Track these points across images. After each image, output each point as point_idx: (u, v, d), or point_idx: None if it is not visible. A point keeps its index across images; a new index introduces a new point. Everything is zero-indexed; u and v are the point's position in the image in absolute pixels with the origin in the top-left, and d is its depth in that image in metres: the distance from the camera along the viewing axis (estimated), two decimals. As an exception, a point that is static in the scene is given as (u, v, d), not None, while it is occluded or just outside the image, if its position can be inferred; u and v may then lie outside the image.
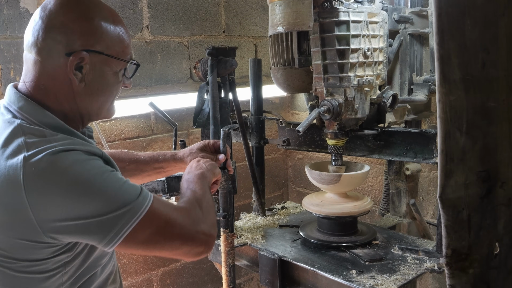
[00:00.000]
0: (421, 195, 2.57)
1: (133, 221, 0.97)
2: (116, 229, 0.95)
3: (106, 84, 1.08)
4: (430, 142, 1.68)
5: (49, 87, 1.02)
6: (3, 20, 2.08)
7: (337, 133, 1.78)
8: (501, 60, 0.85)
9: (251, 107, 2.19)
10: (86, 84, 1.04)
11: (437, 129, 0.90)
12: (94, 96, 1.07)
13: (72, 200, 0.91)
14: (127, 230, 0.96)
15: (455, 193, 0.89)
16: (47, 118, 1.00)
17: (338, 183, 1.80)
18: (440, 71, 0.88)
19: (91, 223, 0.93)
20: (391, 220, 2.16)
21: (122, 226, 0.96)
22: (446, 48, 0.87)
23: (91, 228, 0.94)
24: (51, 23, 0.99)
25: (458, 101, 0.88)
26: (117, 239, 0.96)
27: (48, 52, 1.00)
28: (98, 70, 1.04)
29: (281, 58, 1.87)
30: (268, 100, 3.29)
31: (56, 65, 1.00)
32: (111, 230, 0.95)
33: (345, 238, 1.83)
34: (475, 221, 0.89)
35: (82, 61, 1.01)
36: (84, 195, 0.92)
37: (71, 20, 0.99)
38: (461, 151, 0.89)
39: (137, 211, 0.97)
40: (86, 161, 0.95)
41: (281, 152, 3.35)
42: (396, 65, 1.96)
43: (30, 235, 0.93)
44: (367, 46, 1.69)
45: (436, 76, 0.89)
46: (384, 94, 1.76)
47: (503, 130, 0.87)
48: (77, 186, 0.92)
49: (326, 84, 1.72)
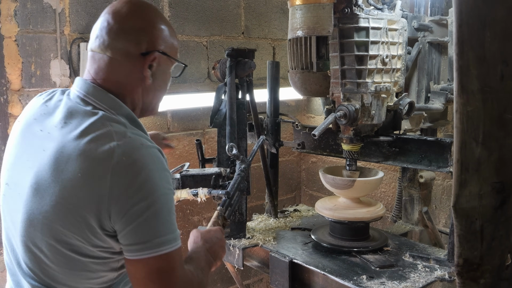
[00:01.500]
0: (434, 203, 2.56)
1: (162, 249, 1.01)
2: (148, 245, 1.00)
3: (165, 81, 1.20)
4: (445, 151, 1.68)
5: (123, 83, 1.11)
6: (26, 14, 2.13)
7: (352, 138, 1.78)
8: (520, 73, 0.85)
9: (267, 109, 2.21)
10: (153, 81, 1.14)
11: (454, 138, 0.91)
12: (156, 92, 1.17)
13: (140, 189, 0.98)
14: (153, 253, 1.00)
15: (469, 203, 0.90)
16: (124, 110, 1.09)
17: (352, 188, 1.81)
18: (458, 81, 0.89)
19: (137, 225, 0.99)
20: (403, 227, 2.16)
21: (152, 246, 1.00)
22: (465, 59, 0.88)
23: (134, 227, 0.99)
24: (127, 27, 1.10)
25: (475, 112, 0.89)
26: (141, 254, 1.01)
27: (124, 52, 1.09)
28: (161, 69, 1.15)
29: (299, 61, 1.88)
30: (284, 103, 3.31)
31: (131, 64, 1.10)
32: (144, 242, 1.00)
33: (356, 243, 1.84)
34: (488, 232, 0.90)
35: (154, 60, 1.12)
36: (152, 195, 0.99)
37: (144, 23, 1.11)
38: (477, 162, 0.89)
39: (171, 244, 1.02)
40: (163, 169, 1.03)
41: (295, 155, 3.36)
42: (414, 73, 1.96)
43: (96, 213, 0.99)
44: (386, 53, 1.70)
45: (455, 86, 0.90)
46: (401, 101, 1.76)
47: (520, 142, 0.87)
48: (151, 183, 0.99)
49: (344, 89, 1.73)
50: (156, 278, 1.01)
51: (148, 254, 1.00)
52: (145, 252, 1.00)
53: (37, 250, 1.05)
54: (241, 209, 1.98)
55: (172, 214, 1.04)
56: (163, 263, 1.01)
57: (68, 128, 1.04)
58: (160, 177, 1.01)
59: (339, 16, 1.68)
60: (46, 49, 2.21)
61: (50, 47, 2.22)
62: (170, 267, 1.02)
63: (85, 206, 0.99)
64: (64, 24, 2.25)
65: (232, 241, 1.97)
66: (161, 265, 1.01)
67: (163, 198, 1.01)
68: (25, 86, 2.18)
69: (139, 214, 0.99)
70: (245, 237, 2.00)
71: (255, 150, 1.61)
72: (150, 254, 1.00)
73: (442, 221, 2.57)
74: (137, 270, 1.02)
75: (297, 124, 2.15)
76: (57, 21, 2.22)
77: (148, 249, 1.00)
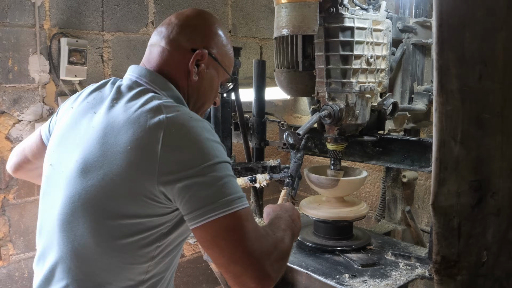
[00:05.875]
0: (417, 203, 2.59)
1: (227, 209, 0.99)
2: (211, 207, 0.98)
3: (210, 88, 1.23)
4: (427, 151, 1.70)
5: (171, 73, 1.16)
6: (3, 7, 2.09)
7: (337, 138, 1.79)
8: (497, 73, 0.86)
9: (253, 108, 2.21)
10: (198, 80, 1.18)
11: (433, 137, 0.92)
12: (200, 93, 1.21)
13: (194, 160, 0.99)
14: (218, 215, 0.98)
15: (447, 201, 0.91)
16: (174, 92, 1.14)
17: (336, 187, 1.82)
18: (438, 80, 0.90)
19: (197, 190, 0.98)
20: (386, 226, 2.17)
21: (216, 207, 0.99)
22: (445, 58, 0.89)
23: (193, 193, 0.98)
24: (186, 23, 1.18)
25: (454, 111, 0.89)
26: (204, 218, 0.98)
27: (177, 45, 1.16)
28: (209, 72, 1.20)
29: (285, 60, 1.88)
30: (271, 102, 3.31)
31: (181, 56, 1.16)
32: (207, 205, 0.98)
33: (340, 242, 1.85)
34: (465, 229, 0.91)
35: (202, 59, 1.17)
36: (207, 161, 1.00)
37: (201, 24, 1.20)
38: (455, 160, 0.90)
39: (236, 204, 1.00)
40: (215, 141, 1.04)
41: (281, 155, 3.37)
42: (398, 74, 1.97)
43: (146, 184, 0.99)
44: (371, 53, 1.71)
45: (434, 85, 0.91)
46: (385, 102, 1.78)
47: (497, 141, 0.88)
48: (206, 151, 1.00)
49: (328, 89, 1.74)
50: (226, 236, 0.98)
51: (212, 217, 0.98)
52: (208, 216, 0.98)
53: (72, 231, 1.04)
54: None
55: (233, 179, 1.03)
56: (231, 221, 0.98)
57: (118, 105, 1.07)
58: (213, 147, 1.02)
59: (325, 16, 1.69)
60: (25, 44, 2.18)
61: (29, 41, 2.19)
62: (239, 224, 0.99)
63: (134, 177, 0.99)
64: (44, 18, 2.22)
65: (216, 239, 1.96)
66: (229, 224, 0.98)
67: (219, 165, 1.00)
68: (2, 82, 2.14)
69: (196, 182, 0.98)
70: (229, 236, 1.99)
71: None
72: (214, 216, 0.98)
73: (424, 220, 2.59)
74: (205, 234, 0.99)
75: (283, 123, 2.16)
76: (36, 14, 2.18)
77: (211, 212, 0.98)
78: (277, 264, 1.01)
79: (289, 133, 1.62)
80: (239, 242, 0.97)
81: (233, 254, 0.97)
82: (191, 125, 1.02)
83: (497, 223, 0.90)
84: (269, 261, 0.99)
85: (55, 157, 1.13)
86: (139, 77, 1.14)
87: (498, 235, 0.90)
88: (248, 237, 0.98)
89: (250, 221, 1.01)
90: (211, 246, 0.99)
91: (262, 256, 0.98)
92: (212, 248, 0.99)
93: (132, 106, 1.05)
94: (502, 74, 0.86)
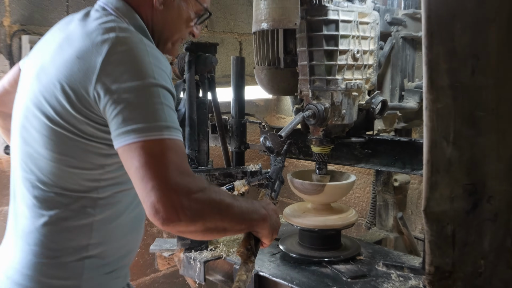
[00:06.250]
0: (410, 208, 2.60)
1: (153, 135, 1.04)
2: (137, 128, 1.03)
3: (179, 18, 1.29)
4: (419, 153, 1.69)
5: (135, 1, 1.23)
6: (-40, 3, 2.05)
7: (322, 139, 1.79)
8: (491, 68, 0.87)
9: (232, 108, 2.20)
10: (164, 9, 1.25)
11: (423, 138, 0.92)
12: (167, 23, 1.27)
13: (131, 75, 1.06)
14: (142, 137, 1.03)
15: (440, 206, 0.91)
16: (137, 21, 1.21)
17: (322, 193, 1.82)
18: (427, 76, 0.90)
19: (125, 107, 1.05)
20: (377, 234, 2.18)
21: (142, 130, 1.03)
22: (434, 52, 0.89)
23: (121, 110, 1.05)
24: None
25: (445, 109, 0.90)
26: (128, 138, 1.04)
27: None
28: (177, 2, 1.26)
29: (265, 57, 1.88)
30: (252, 102, 3.31)
31: None
32: (133, 125, 1.04)
33: (327, 253, 1.84)
34: (459, 237, 0.91)
35: None
36: (143, 80, 1.06)
37: None
38: (448, 162, 0.90)
39: (163, 132, 1.05)
40: (161, 68, 1.10)
41: (263, 159, 3.36)
42: (387, 70, 1.98)
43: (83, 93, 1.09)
44: (357, 47, 1.71)
45: (424, 81, 0.91)
46: (373, 100, 1.78)
47: (491, 141, 0.88)
48: (145, 70, 1.06)
49: (312, 87, 1.73)
50: (148, 161, 1.01)
51: (135, 138, 1.02)
52: (133, 137, 1.03)
53: (28, 133, 1.17)
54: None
55: (169, 108, 1.08)
56: (155, 147, 1.03)
57: (80, 23, 1.17)
58: (154, 70, 1.07)
59: (307, 8, 1.68)
60: (-17, 42, 2.14)
61: (-13, 39, 2.15)
62: (162, 153, 1.03)
63: (75, 81, 1.08)
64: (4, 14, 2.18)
65: (193, 253, 1.95)
66: (153, 150, 1.02)
67: (155, 88, 1.06)
68: (-41, 83, 2.09)
69: (126, 99, 1.04)
70: (207, 249, 1.98)
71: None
72: (138, 138, 1.02)
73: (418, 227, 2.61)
74: (127, 156, 1.04)
75: (264, 125, 2.14)
76: (-6, 10, 2.15)
77: (136, 133, 1.03)
78: (198, 207, 1.03)
79: (265, 137, 1.60)
80: (159, 170, 1.01)
81: (150, 180, 1.00)
82: (138, 46, 1.09)
83: (494, 229, 0.90)
84: (187, 198, 1.02)
85: (23, 80, 1.26)
86: (107, 3, 1.22)
87: (495, 242, 0.90)
88: (169, 167, 1.02)
89: (177, 155, 1.05)
90: (131, 170, 1.03)
91: (180, 190, 1.01)
92: (133, 172, 1.03)
93: (90, 23, 1.15)
94: (496, 69, 0.86)
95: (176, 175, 1.02)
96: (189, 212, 1.01)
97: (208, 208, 1.07)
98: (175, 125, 1.08)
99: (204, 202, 1.06)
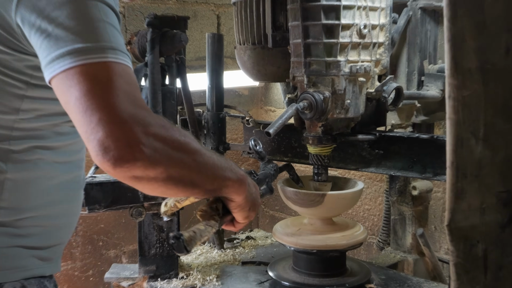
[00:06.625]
0: (433, 223, 2.61)
1: (95, 57, 1.04)
2: (74, 49, 1.03)
3: None
4: (443, 153, 1.69)
5: None
6: None
7: (321, 137, 1.79)
8: (530, 45, 0.87)
9: (207, 99, 2.20)
10: None
11: (446, 134, 0.92)
12: None
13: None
14: (82, 60, 1.03)
15: (468, 220, 0.91)
16: None
17: (321, 205, 1.81)
18: (451, 57, 0.90)
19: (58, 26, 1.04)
20: (392, 256, 2.19)
21: (81, 51, 1.03)
22: (459, 26, 0.89)
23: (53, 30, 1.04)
24: None
25: (474, 98, 0.89)
26: (63, 64, 1.03)
27: None
28: None
29: (249, 33, 1.87)
30: (233, 91, 3.30)
31: None
32: (69, 46, 1.03)
33: (328, 280, 1.84)
34: (493, 258, 0.91)
35: None
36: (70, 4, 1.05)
37: None
38: (477, 165, 0.90)
39: (108, 54, 1.05)
40: None
41: (249, 162, 3.36)
42: (403, 49, 1.99)
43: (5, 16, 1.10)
44: (364, 21, 1.71)
45: (446, 63, 0.91)
46: (385, 87, 1.78)
47: (532, 137, 0.89)
48: None
49: (308, 71, 1.73)
50: (90, 89, 1.01)
51: (74, 62, 1.02)
52: (70, 61, 1.02)
53: None
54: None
55: (113, 28, 1.09)
56: (99, 71, 1.04)
57: None
58: None
59: (301, -28, 1.68)
60: None
61: None
62: (108, 77, 1.03)
63: None
64: None
65: (159, 282, 1.94)
66: (96, 74, 1.03)
67: (93, 2, 1.07)
68: None
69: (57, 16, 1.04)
70: (177, 277, 1.97)
71: None
72: (77, 62, 1.02)
73: (443, 246, 2.62)
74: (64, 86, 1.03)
75: (248, 119, 2.14)
76: None
77: (74, 56, 1.02)
78: (159, 146, 1.04)
79: (255, 139, 1.60)
80: (106, 98, 1.01)
81: (97, 111, 1.00)
82: None
83: (535, 248, 0.90)
84: (145, 133, 1.02)
85: None
86: None
87: (536, 264, 0.90)
88: (120, 96, 1.02)
89: (127, 83, 1.06)
90: (70, 102, 1.03)
91: (135, 122, 1.02)
92: (72, 105, 1.03)
93: None
94: (537, 46, 0.87)
95: (129, 105, 1.02)
96: (147, 150, 1.01)
97: (171, 148, 1.07)
98: (122, 48, 1.09)
99: (166, 140, 1.06)
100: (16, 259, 1.23)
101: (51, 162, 1.25)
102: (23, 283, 1.23)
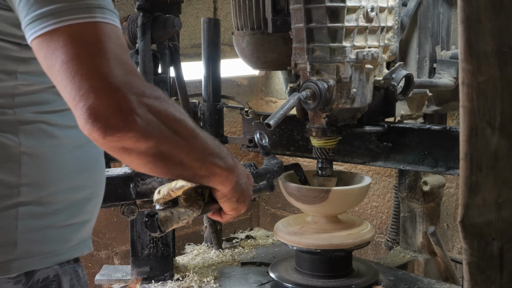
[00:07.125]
0: (445, 221, 2.61)
1: (82, 17, 1.01)
2: (58, 8, 1.00)
3: None
4: (457, 145, 1.69)
5: None
6: None
7: (325, 129, 1.78)
8: (551, 26, 0.86)
9: (203, 89, 2.19)
10: None
11: (460, 123, 0.91)
12: None
13: None
14: (68, 21, 1.00)
15: (483, 216, 0.90)
16: None
17: (326, 201, 1.81)
18: (465, 39, 0.89)
19: None
20: (402, 255, 2.19)
21: (66, 11, 1.01)
22: (474, 6, 0.88)
23: None
24: None
25: (489, 84, 0.89)
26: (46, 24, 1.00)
27: None
28: None
29: (247, 18, 1.87)
30: (231, 81, 3.30)
31: None
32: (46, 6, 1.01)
33: (333, 282, 1.85)
34: (509, 257, 0.90)
35: None
36: None
37: None
38: (493, 156, 0.90)
39: (95, 14, 1.02)
40: None
41: (248, 157, 3.35)
42: (413, 34, 1.98)
43: None
44: (371, 4, 1.71)
45: (460, 46, 0.90)
46: (394, 75, 1.78)
47: (552, 126, 0.88)
48: None
49: (311, 58, 1.72)
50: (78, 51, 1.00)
51: (59, 23, 1.00)
52: (55, 21, 1.00)
53: None
54: (165, 237, 1.95)
55: None
56: (86, 32, 1.01)
57: None
58: None
59: (303, -49, 1.67)
60: None
61: None
62: (97, 39, 1.01)
63: None
64: None
65: (153, 285, 1.94)
66: (83, 35, 1.01)
67: None
68: None
69: None
70: (172, 279, 1.97)
71: None
72: (63, 22, 1.00)
73: (456, 245, 2.62)
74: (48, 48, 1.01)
75: (247, 110, 2.14)
76: None
77: (59, 15, 1.00)
78: (152, 118, 1.03)
79: (261, 133, 1.59)
80: (96, 62, 1.00)
81: (86, 77, 0.99)
82: None
83: (555, 246, 0.90)
84: (139, 102, 1.01)
85: None
86: None
87: (557, 264, 0.90)
88: (110, 60, 1.01)
89: (117, 45, 1.04)
90: (55, 67, 1.01)
91: (128, 88, 1.01)
92: (57, 70, 1.01)
93: None
94: (558, 27, 0.86)
95: (121, 70, 1.01)
96: (140, 121, 1.01)
97: (164, 123, 1.06)
98: (110, 7, 1.06)
99: (161, 114, 1.05)
100: (47, 242, 1.22)
101: (61, 126, 1.23)
102: (57, 271, 1.22)
